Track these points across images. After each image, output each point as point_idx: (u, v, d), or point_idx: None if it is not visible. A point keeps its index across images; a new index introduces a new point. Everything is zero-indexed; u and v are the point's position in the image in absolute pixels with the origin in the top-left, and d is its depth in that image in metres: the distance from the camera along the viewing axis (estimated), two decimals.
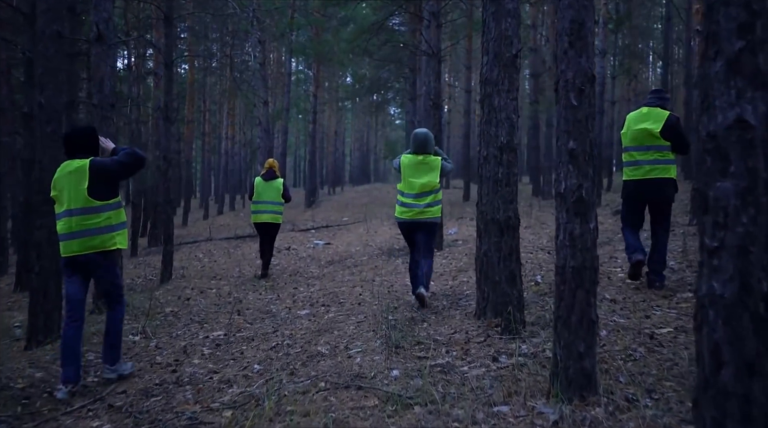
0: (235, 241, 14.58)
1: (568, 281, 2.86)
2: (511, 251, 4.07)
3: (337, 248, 11.17)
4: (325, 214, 22.16)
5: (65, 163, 4.00)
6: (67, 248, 3.90)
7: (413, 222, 5.49)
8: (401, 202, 5.56)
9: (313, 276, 8.04)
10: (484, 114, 4.33)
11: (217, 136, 32.68)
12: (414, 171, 5.52)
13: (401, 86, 28.08)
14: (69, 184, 3.89)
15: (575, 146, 2.86)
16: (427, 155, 5.55)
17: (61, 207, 3.95)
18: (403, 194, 5.56)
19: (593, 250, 2.88)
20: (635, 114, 5.12)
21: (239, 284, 7.89)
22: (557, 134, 2.97)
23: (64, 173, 3.94)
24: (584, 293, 2.85)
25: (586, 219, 2.85)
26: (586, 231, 2.85)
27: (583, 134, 2.87)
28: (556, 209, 2.96)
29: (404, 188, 5.57)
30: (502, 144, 4.10)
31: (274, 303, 6.46)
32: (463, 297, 5.55)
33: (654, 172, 4.92)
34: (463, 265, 7.47)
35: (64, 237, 3.91)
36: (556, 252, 2.96)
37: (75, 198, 3.87)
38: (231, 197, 30.10)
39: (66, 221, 3.89)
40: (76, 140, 4.01)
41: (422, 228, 5.53)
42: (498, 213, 4.14)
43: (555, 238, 2.99)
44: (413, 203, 5.47)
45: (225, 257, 11.30)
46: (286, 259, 10.21)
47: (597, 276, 2.90)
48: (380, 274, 7.40)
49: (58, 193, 3.96)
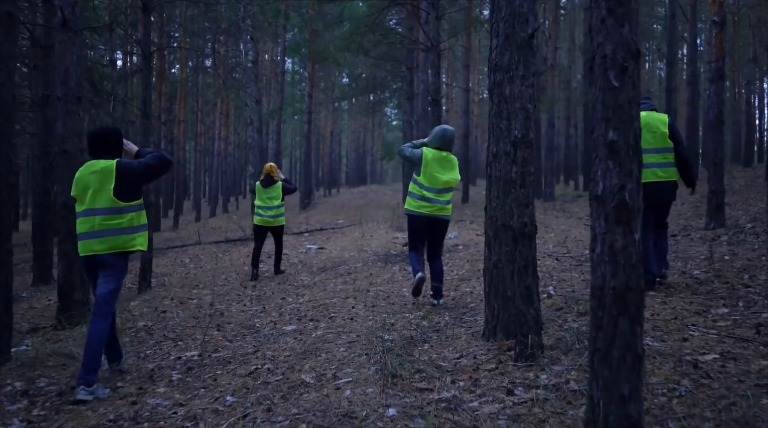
0: (224, 245, 13.99)
1: (607, 306, 2.29)
2: (527, 263, 3.50)
3: (330, 253, 10.59)
4: (319, 216, 21.57)
5: (89, 163, 3.97)
6: (87, 248, 3.88)
7: (432, 217, 5.46)
8: (420, 195, 5.45)
9: (304, 285, 7.46)
10: (494, 105, 3.77)
11: (210, 137, 32.07)
12: (438, 166, 5.47)
13: (398, 87, 27.54)
14: (93, 183, 3.87)
15: (616, 138, 2.30)
16: (449, 152, 5.60)
17: (82, 206, 3.93)
18: (424, 187, 5.45)
19: (639, 267, 2.31)
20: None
21: (223, 294, 7.30)
22: (594, 124, 2.41)
23: (88, 172, 3.91)
24: (628, 322, 2.28)
25: (630, 228, 2.29)
26: (630, 243, 2.29)
27: (626, 122, 2.31)
28: (591, 216, 2.40)
29: (426, 182, 5.44)
30: (515, 138, 3.53)
31: (258, 316, 5.88)
32: (467, 311, 4.98)
33: (665, 175, 5.01)
34: (466, 273, 6.90)
35: (85, 236, 3.89)
36: (591, 269, 2.39)
37: (100, 198, 3.87)
38: (224, 198, 29.48)
39: (88, 220, 3.88)
40: (101, 140, 4.00)
41: (439, 225, 5.54)
42: (511, 219, 3.56)
43: (590, 251, 2.42)
44: (435, 199, 5.44)
45: (212, 263, 10.70)
46: None
47: (644, 300, 2.34)
48: (375, 283, 6.82)
49: (80, 192, 3.93)
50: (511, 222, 3.53)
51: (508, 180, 3.63)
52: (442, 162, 5.49)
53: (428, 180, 5.43)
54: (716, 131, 8.00)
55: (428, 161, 5.45)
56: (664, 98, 20.37)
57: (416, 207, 5.46)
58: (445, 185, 5.45)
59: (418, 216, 5.46)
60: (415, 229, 5.53)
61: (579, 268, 6.34)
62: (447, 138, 5.55)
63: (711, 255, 5.71)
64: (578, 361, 3.27)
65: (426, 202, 5.43)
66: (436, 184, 5.43)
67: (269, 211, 8.55)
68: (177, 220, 23.38)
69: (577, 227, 10.97)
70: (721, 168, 7.97)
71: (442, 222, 5.55)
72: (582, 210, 14.80)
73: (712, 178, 7.97)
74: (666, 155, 5.00)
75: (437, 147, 5.53)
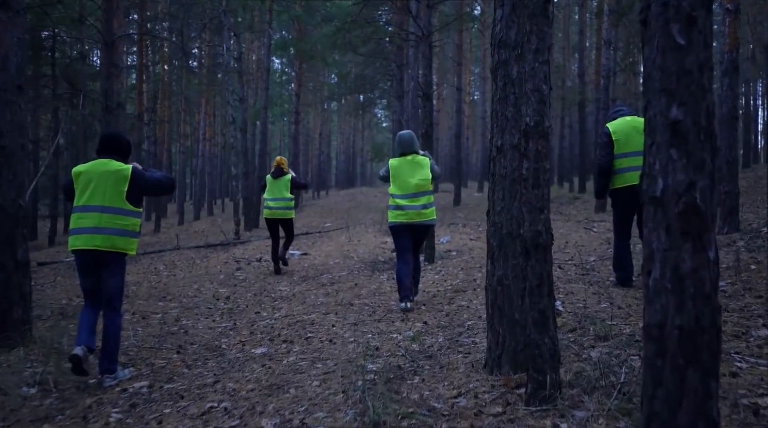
0: (204, 250, 13.25)
1: (670, 353, 1.64)
2: (542, 281, 2.84)
3: (314, 259, 9.90)
4: (306, 219, 20.86)
5: (99, 161, 4.08)
6: (90, 242, 3.94)
7: (411, 225, 5.45)
8: (396, 205, 5.48)
9: (281, 296, 6.76)
10: (498, 89, 3.10)
11: (196, 138, 31.25)
12: (405, 170, 5.51)
13: (388, 87, 26.89)
14: (105, 182, 4.00)
15: (682, 116, 1.66)
16: (414, 154, 5.59)
17: (83, 200, 4.00)
18: (397, 196, 5.48)
19: (714, 298, 1.67)
20: (623, 122, 5.15)
21: (193, 307, 6.60)
22: (647, 98, 1.76)
23: (98, 170, 4.02)
24: (700, 376, 1.63)
25: (702, 244, 1.64)
26: (702, 265, 1.65)
27: (695, 95, 1.66)
28: (646, 224, 1.75)
29: (397, 190, 5.50)
30: (527, 127, 2.87)
31: (227, 335, 5.19)
32: (464, 330, 4.32)
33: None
34: (461, 283, 6.24)
35: (88, 231, 3.95)
36: (645, 300, 1.74)
37: (111, 198, 4.00)
38: (209, 201, 28.69)
39: (96, 216, 3.96)
40: (117, 142, 4.16)
41: (419, 231, 5.56)
42: (520, 226, 2.90)
43: (643, 274, 1.77)
44: (409, 205, 5.44)
45: (187, 270, 9.98)
46: (255, 273, 8.92)
47: (720, 344, 1.69)
48: (360, 295, 6.14)
49: (83, 186, 4.01)
50: (521, 230, 2.87)
51: (517, 179, 2.96)
52: (410, 166, 5.53)
53: (399, 187, 5.49)
54: (729, 127, 7.40)
55: (395, 170, 5.55)
56: None
57: (394, 217, 5.49)
58: (417, 189, 5.45)
59: (398, 226, 5.47)
60: (397, 239, 5.53)
61: (586, 278, 5.70)
62: (405, 141, 5.61)
63: (738, 264, 5.08)
64: (606, 404, 2.61)
65: (402, 211, 5.45)
66: (407, 189, 5.46)
67: (279, 202, 8.66)
68: (159, 223, 22.56)
69: (577, 231, 10.35)
70: (735, 168, 7.37)
71: (422, 228, 5.56)
72: (579, 213, 14.20)
73: (726, 178, 7.36)
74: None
75: (400, 154, 5.61)
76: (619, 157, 5.08)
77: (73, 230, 4.02)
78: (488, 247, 3.24)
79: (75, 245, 3.99)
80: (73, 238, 4.02)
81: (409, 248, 5.50)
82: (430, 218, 5.51)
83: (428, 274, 7.20)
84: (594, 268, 6.37)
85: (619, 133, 5.09)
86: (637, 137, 4.95)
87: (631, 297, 4.67)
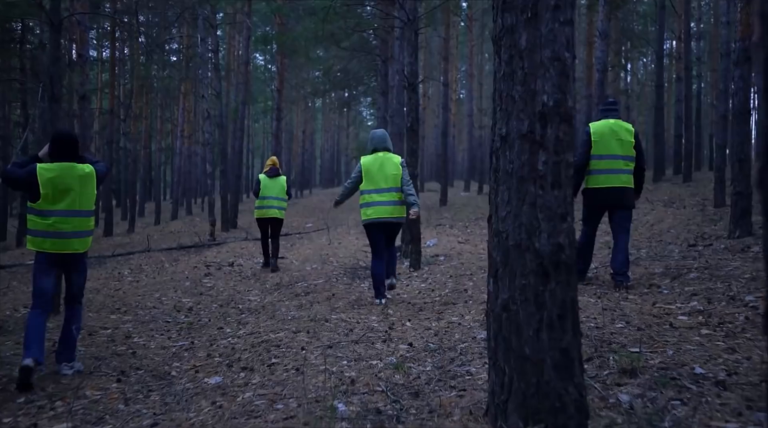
0: (176, 252, 12.46)
1: None
2: (564, 311, 2.16)
3: (290, 264, 9.18)
4: (287, 219, 20.06)
5: (65, 164, 4.05)
6: (69, 246, 4.07)
7: (384, 222, 5.55)
8: (368, 202, 5.57)
9: (250, 308, 6.04)
10: (502, 64, 2.43)
11: (175, 134, 30.31)
12: (377, 167, 5.60)
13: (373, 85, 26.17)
14: (80, 186, 4.07)
15: None
16: (386, 151, 5.72)
17: (63, 205, 4.02)
18: (370, 192, 5.57)
19: None
20: (605, 125, 5.24)
21: (149, 320, 5.86)
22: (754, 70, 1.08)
23: (72, 175, 4.04)
24: None
25: None
26: None
27: None
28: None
29: (369, 186, 5.58)
30: (543, 108, 2.19)
31: (181, 357, 4.47)
32: (456, 356, 3.64)
33: (628, 181, 5.25)
34: (450, 294, 5.57)
35: (66, 235, 4.04)
36: None
37: (85, 201, 4.12)
38: (187, 200, 27.79)
39: (71, 220, 4.06)
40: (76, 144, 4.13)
41: (391, 228, 5.67)
42: (533, 237, 2.22)
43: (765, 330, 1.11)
44: (381, 201, 5.54)
45: (154, 276, 9.21)
46: (225, 279, 8.18)
47: None
48: (337, 309, 5.44)
49: (59, 191, 4.00)
50: (536, 243, 2.19)
51: (527, 177, 2.29)
52: (380, 162, 5.63)
53: (372, 182, 5.58)
54: (741, 122, 6.81)
55: (366, 167, 5.64)
56: (654, 94, 19.38)
57: (367, 215, 5.58)
58: (388, 183, 5.55)
59: (372, 223, 5.56)
60: (372, 237, 5.65)
61: (592, 290, 5.05)
62: (377, 138, 5.77)
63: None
64: None
65: (374, 207, 5.55)
66: (377, 184, 5.56)
67: (274, 201, 8.74)
68: (133, 223, 21.65)
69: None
70: (747, 166, 6.77)
71: (395, 225, 5.68)
72: None
73: (737, 178, 6.77)
74: (629, 162, 5.25)
75: (372, 150, 5.74)
76: (594, 158, 5.21)
77: (48, 233, 4.01)
78: (490, 261, 2.57)
79: (51, 249, 4.03)
80: (50, 242, 4.02)
81: (383, 246, 5.61)
82: (401, 216, 5.65)
83: (414, 282, 6.53)
84: (598, 277, 5.74)
85: (598, 134, 5.21)
86: (614, 141, 5.18)
87: (648, 315, 4.03)
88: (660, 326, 3.75)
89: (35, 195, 3.99)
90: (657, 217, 10.08)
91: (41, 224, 4.01)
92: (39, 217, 4.02)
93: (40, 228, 4.02)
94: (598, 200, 5.24)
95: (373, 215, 5.52)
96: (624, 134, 5.22)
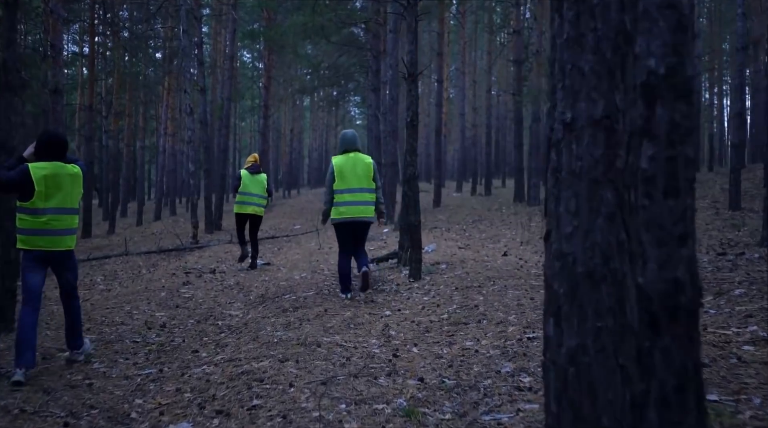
0: (156, 256, 11.69)
1: None
2: (684, 380, 1.48)
3: (277, 272, 8.46)
4: (274, 221, 19.37)
5: (55, 163, 4.13)
6: (60, 243, 4.17)
7: (354, 222, 5.70)
8: (339, 202, 5.70)
9: (230, 326, 5.32)
10: (565, 25, 1.79)
11: (159, 133, 29.39)
12: (348, 167, 5.72)
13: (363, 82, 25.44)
14: (70, 185, 4.18)
15: None
16: (357, 151, 5.84)
17: (54, 203, 4.09)
18: (342, 192, 5.69)
19: None
20: None
21: (114, 340, 5.12)
22: None
23: (63, 173, 4.14)
24: None
25: None
26: None
27: None
28: None
29: (342, 185, 5.69)
30: (649, 79, 1.51)
31: (145, 391, 3.75)
32: (480, 398, 2.96)
33: None
34: (459, 311, 4.89)
35: (60, 232, 4.15)
36: None
37: (72, 199, 4.23)
38: (171, 200, 26.91)
39: (69, 218, 4.21)
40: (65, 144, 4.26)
41: (361, 228, 5.83)
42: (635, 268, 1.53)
43: None
44: (353, 201, 5.68)
45: (128, 284, 8.45)
46: (206, 288, 7.45)
47: None
48: (330, 330, 4.73)
49: (52, 189, 4.07)
50: (639, 278, 1.50)
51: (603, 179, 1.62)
52: (353, 162, 5.75)
53: (343, 182, 5.69)
54: None
55: (338, 167, 5.75)
56: None
57: (338, 214, 5.72)
58: (360, 184, 5.68)
59: (343, 222, 5.72)
60: (340, 236, 5.84)
61: None
62: (348, 139, 5.89)
63: None
64: None
65: (346, 206, 5.68)
66: (350, 183, 5.67)
67: (255, 198, 8.71)
68: (114, 224, 20.80)
69: None
70: None
71: (364, 224, 5.85)
72: None
73: None
74: None
75: (343, 151, 5.85)
76: None
77: (43, 231, 4.08)
78: (548, 294, 1.89)
79: (45, 246, 4.10)
80: (44, 240, 4.09)
81: (351, 245, 5.83)
82: (371, 216, 5.80)
83: (415, 294, 5.84)
84: None
85: None
86: None
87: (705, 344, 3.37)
88: (726, 359, 3.10)
89: (28, 194, 4.03)
90: None
91: (35, 222, 4.06)
92: (31, 216, 4.06)
93: (33, 227, 4.07)
94: None
95: (345, 214, 5.68)
96: None
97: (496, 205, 18.05)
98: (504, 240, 10.08)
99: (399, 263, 7.43)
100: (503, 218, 14.08)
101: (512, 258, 7.88)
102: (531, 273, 6.41)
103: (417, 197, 6.71)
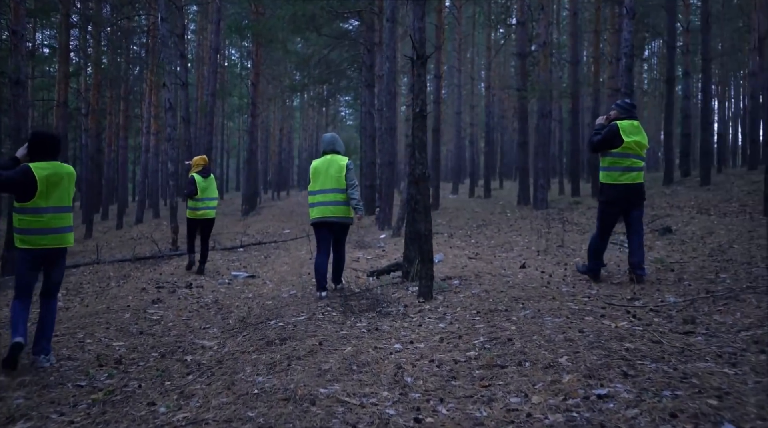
0: (129, 266, 10.57)
1: None
2: None
3: (262, 286, 7.40)
4: (262, 225, 18.28)
5: (56, 163, 4.26)
6: (63, 240, 4.33)
7: (329, 221, 5.85)
8: (313, 202, 5.93)
9: (200, 366, 4.25)
10: None
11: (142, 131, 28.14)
12: (323, 169, 5.90)
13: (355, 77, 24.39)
14: (67, 184, 4.31)
15: None
16: (335, 154, 5.99)
17: (54, 201, 4.21)
18: (315, 193, 5.91)
19: None
20: (629, 124, 5.47)
21: (51, 385, 4.04)
22: None
23: (61, 172, 4.25)
24: None
25: None
26: None
27: None
28: None
29: (315, 186, 5.92)
30: None
31: None
32: None
33: (641, 178, 5.55)
34: (489, 346, 3.86)
35: (62, 230, 4.31)
36: None
37: (68, 198, 4.33)
38: (154, 202, 25.71)
39: (68, 216, 4.35)
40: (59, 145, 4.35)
41: (338, 228, 6.01)
42: None
43: None
44: (325, 201, 5.84)
45: (90, 301, 7.35)
46: (178, 308, 6.38)
47: None
48: (327, 374, 3.66)
49: (52, 187, 4.18)
50: None
51: None
52: (327, 163, 5.90)
53: (315, 183, 5.90)
54: None
55: (314, 169, 5.95)
56: (664, 89, 17.95)
57: (314, 214, 5.89)
58: (330, 184, 5.79)
59: (318, 222, 5.87)
60: (318, 234, 5.96)
61: (672, 332, 3.38)
62: (326, 141, 6.02)
63: None
64: None
65: (317, 207, 5.86)
66: (322, 184, 5.84)
67: (211, 202, 8.59)
68: (91, 227, 19.60)
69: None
70: None
71: (341, 225, 5.97)
72: (588, 220, 12.01)
73: None
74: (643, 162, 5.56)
75: (322, 153, 6.01)
76: (622, 156, 5.41)
77: (46, 230, 4.19)
78: None
79: (49, 244, 4.22)
80: (48, 238, 4.21)
81: (329, 245, 5.96)
82: (346, 216, 5.90)
83: (429, 320, 4.80)
84: (673, 308, 4.08)
85: (627, 133, 5.39)
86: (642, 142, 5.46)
87: None
88: None
89: (29, 194, 4.11)
90: (702, 227, 8.52)
91: (37, 222, 4.16)
92: (33, 215, 4.14)
93: (36, 226, 4.17)
94: (614, 195, 5.48)
95: (318, 214, 5.85)
96: (642, 136, 5.48)
97: (499, 208, 17.09)
98: (517, 249, 9.07)
99: (405, 278, 6.40)
100: (510, 223, 13.08)
101: (533, 271, 6.88)
102: (563, 292, 5.40)
103: (428, 202, 5.69)
